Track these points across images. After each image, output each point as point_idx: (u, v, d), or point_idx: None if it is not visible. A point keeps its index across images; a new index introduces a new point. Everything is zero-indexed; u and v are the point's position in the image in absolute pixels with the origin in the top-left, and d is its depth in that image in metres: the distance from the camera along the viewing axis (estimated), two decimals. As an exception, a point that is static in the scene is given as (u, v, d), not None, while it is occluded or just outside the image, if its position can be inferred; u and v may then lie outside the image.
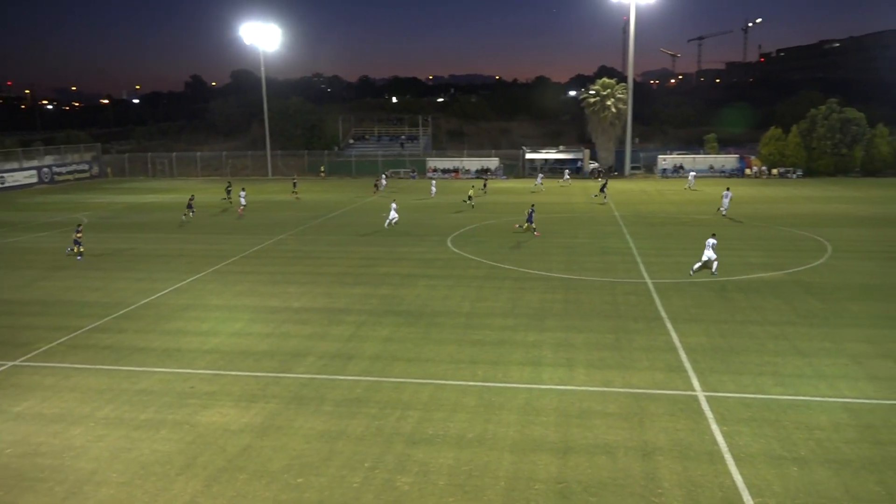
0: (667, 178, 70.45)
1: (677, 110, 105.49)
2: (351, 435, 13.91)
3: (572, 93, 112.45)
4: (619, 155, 75.09)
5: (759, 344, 18.86)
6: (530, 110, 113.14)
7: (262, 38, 77.39)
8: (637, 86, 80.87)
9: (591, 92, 76.04)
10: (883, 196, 52.19)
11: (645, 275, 27.04)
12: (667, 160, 73.01)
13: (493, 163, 76.08)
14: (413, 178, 74.80)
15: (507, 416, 14.60)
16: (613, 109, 73.96)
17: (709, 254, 26.79)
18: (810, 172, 68.00)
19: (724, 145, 77.93)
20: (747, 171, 70.70)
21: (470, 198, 48.69)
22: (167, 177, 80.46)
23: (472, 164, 76.37)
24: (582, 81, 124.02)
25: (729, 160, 72.23)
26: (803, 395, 15.44)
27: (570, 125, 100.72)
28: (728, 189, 44.07)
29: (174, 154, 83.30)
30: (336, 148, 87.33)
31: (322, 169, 77.56)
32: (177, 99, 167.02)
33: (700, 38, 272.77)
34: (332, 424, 14.39)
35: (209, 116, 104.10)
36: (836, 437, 13.50)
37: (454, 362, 17.82)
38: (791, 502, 11.31)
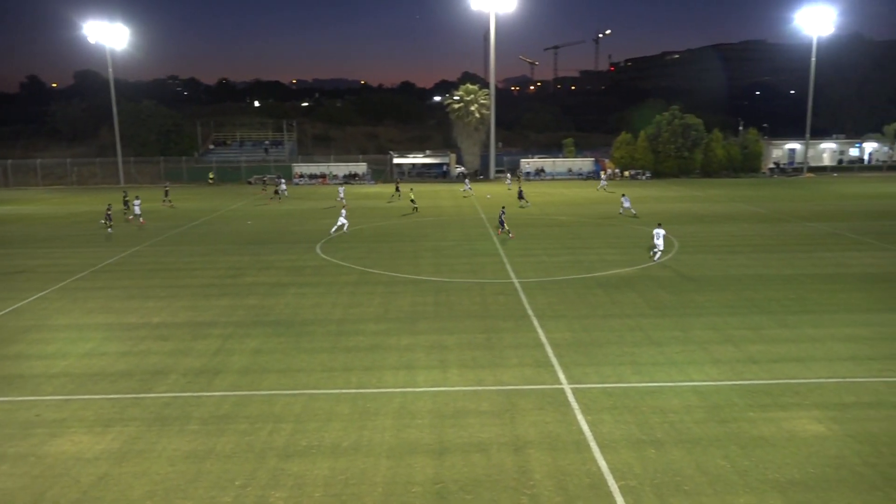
0: (529, 180, 73.25)
1: (537, 116, 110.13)
2: (220, 453, 13.31)
3: (437, 98, 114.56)
4: (484, 159, 77.20)
5: (618, 336, 20.04)
6: (397, 115, 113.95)
7: (109, 36, 72.49)
8: (499, 92, 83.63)
9: (456, 98, 77.63)
10: (720, 195, 57.20)
11: (512, 275, 27.95)
12: (529, 164, 76.02)
13: (360, 167, 75.74)
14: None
15: (383, 422, 14.57)
16: (477, 115, 75.92)
17: (658, 242, 30.23)
18: (657, 174, 73.30)
19: (580, 149, 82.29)
20: (602, 173, 74.98)
21: (413, 201, 48.78)
22: (0, 186, 73.29)
23: (340, 169, 75.63)
24: (446, 87, 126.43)
25: (585, 163, 76.37)
26: (658, 382, 16.58)
27: (436, 130, 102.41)
28: (624, 194, 47.19)
29: (9, 161, 75.90)
30: (196, 154, 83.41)
31: (210, 175, 73.70)
32: (10, 101, 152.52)
33: (556, 48, 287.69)
34: (199, 444, 13.70)
35: (50, 120, 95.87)
36: (688, 418, 14.61)
37: (327, 371, 17.55)
38: (650, 482, 12.11)
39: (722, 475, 12.33)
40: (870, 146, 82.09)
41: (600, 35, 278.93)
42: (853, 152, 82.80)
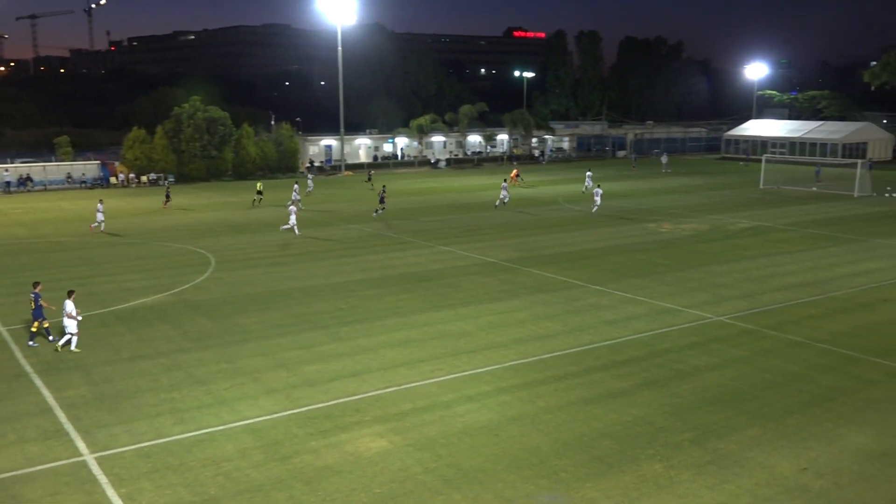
0: (11, 193, 65.98)
1: (15, 107, 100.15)
2: None
3: None
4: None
5: (152, 381, 19.49)
6: None
7: None
8: (-47, 73, 73.04)
9: None
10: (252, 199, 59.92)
11: (-3, 322, 24.97)
12: (9, 171, 68.47)
13: None
14: None
15: None
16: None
17: (597, 200, 46.89)
18: (183, 177, 73.12)
19: (81, 150, 77.24)
20: (113, 179, 71.77)
21: (259, 192, 53.10)
22: None
23: None
24: None
25: (90, 168, 72.06)
26: (206, 428, 16.66)
27: None
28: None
29: None
30: None
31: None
32: None
33: (33, 17, 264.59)
34: None
35: None
36: (245, 464, 15.01)
37: None
38: (208, 551, 12.08)
39: (288, 520, 12.99)
40: (401, 141, 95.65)
41: (93, 6, 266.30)
42: (387, 148, 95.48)
